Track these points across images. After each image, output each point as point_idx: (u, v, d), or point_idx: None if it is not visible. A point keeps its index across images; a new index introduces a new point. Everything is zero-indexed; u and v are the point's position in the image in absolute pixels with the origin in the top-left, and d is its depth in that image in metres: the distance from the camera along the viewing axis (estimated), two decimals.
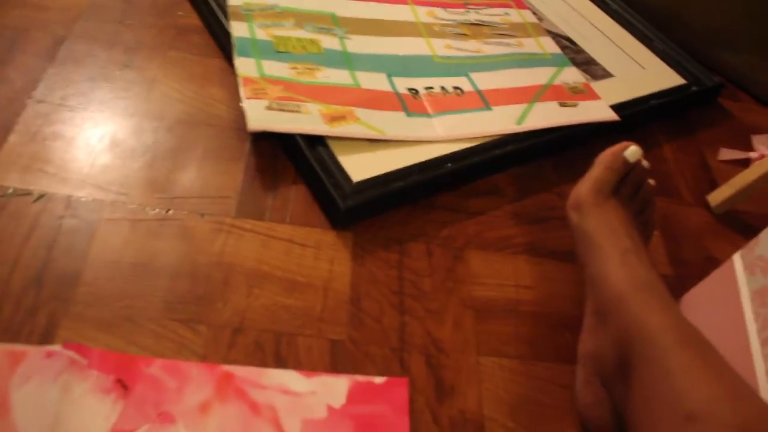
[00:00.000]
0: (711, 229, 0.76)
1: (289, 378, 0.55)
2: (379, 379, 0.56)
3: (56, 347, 0.53)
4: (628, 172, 0.62)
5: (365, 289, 0.62)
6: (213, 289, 0.59)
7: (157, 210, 0.64)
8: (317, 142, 0.68)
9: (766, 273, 0.56)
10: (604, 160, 0.62)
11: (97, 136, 0.69)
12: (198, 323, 0.57)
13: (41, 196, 0.63)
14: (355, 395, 0.55)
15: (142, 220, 0.63)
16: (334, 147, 0.69)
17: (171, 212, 0.64)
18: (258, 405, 0.53)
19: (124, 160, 0.68)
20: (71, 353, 0.53)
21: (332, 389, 0.55)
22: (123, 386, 0.52)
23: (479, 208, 0.71)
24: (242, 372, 0.54)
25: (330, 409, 0.54)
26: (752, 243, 0.58)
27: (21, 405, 0.50)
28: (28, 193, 0.63)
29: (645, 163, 0.63)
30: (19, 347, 0.53)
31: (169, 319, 0.57)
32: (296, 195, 0.68)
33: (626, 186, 0.62)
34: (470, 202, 0.71)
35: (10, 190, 0.63)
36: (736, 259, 0.59)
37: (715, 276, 0.61)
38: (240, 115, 0.71)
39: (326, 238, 0.65)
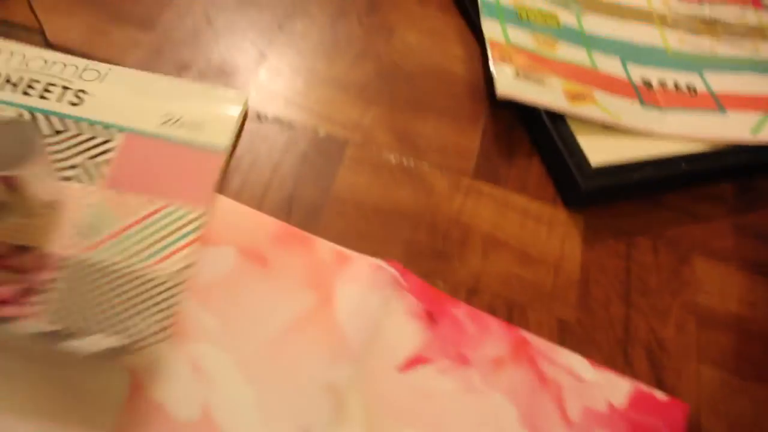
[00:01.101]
0: None
1: (578, 363, 0.56)
2: (660, 395, 0.56)
3: (381, 262, 0.57)
4: None
5: (594, 275, 0.62)
6: (451, 247, 0.61)
7: (398, 157, 0.65)
8: (559, 118, 0.68)
9: None
10: None
11: (341, 78, 0.70)
12: (436, 278, 0.59)
13: (289, 127, 0.65)
14: (635, 401, 0.56)
15: (384, 164, 0.64)
16: (573, 126, 0.68)
17: (412, 162, 0.65)
18: (546, 377, 0.55)
19: (365, 102, 0.69)
20: (394, 272, 0.57)
21: (615, 387, 0.56)
22: (432, 318, 0.55)
23: (706, 213, 0.70)
24: (537, 342, 0.56)
25: (611, 406, 0.55)
26: None
27: (346, 302, 0.54)
28: (279, 122, 0.65)
29: None
30: (346, 251, 0.57)
31: (408, 269, 0.58)
32: (531, 168, 0.68)
33: None
34: (698, 207, 0.70)
35: (260, 115, 0.65)
36: None
37: None
38: (478, 78, 0.71)
39: (559, 216, 0.65)
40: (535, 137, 0.70)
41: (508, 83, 0.68)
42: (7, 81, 0.61)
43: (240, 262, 0.55)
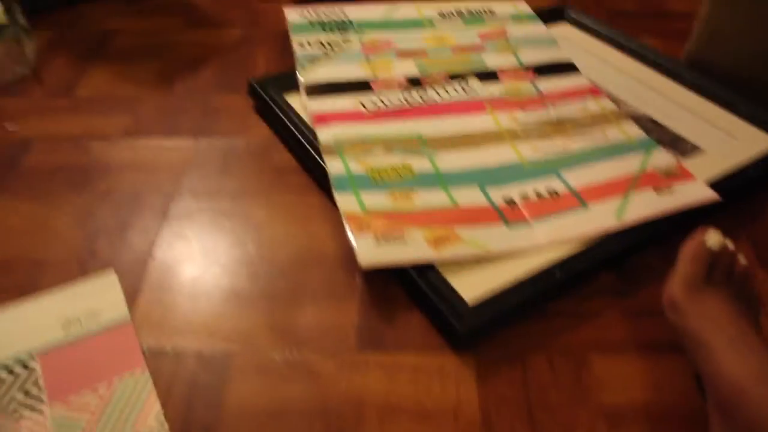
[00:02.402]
0: None
1: None
2: None
3: None
4: (715, 258, 0.61)
5: (495, 409, 0.62)
6: (346, 427, 0.61)
7: (282, 355, 0.67)
8: (427, 267, 0.70)
9: None
10: (687, 254, 0.62)
11: (216, 288, 0.73)
12: None
13: (173, 354, 0.67)
14: None
15: (269, 367, 0.66)
16: (443, 269, 0.71)
17: (296, 355, 0.67)
18: None
19: (244, 307, 0.71)
20: None
21: None
22: None
23: (593, 310, 0.71)
24: None
25: None
26: None
27: None
28: (161, 353, 0.67)
29: (729, 243, 0.62)
30: None
31: None
32: (413, 322, 0.70)
33: (717, 271, 0.61)
34: (583, 306, 0.71)
35: (146, 351, 0.67)
36: None
37: None
38: (347, 251, 0.74)
39: (449, 363, 0.66)
40: (410, 291, 0.72)
41: (369, 252, 0.71)
42: None
43: None
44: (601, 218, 0.77)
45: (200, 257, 0.77)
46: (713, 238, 0.61)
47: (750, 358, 0.54)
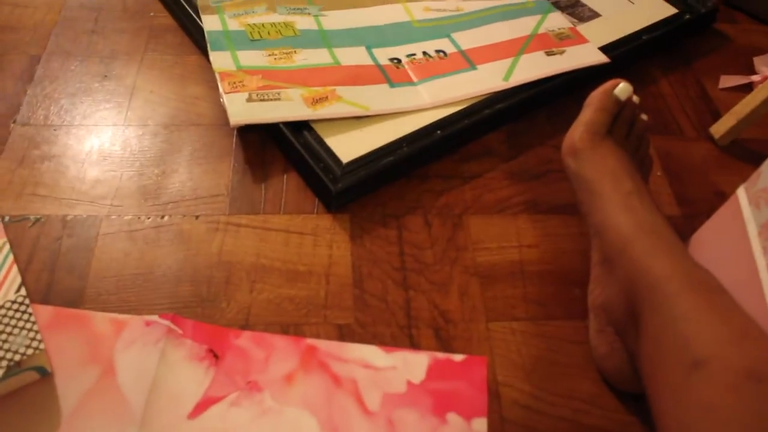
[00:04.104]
0: (717, 163, 0.74)
1: (370, 353, 0.56)
2: (458, 357, 0.57)
3: (154, 317, 0.57)
4: (620, 111, 0.60)
5: (367, 270, 0.61)
6: (216, 290, 0.59)
7: (151, 218, 0.64)
8: (303, 127, 0.67)
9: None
10: (594, 102, 0.60)
11: (84, 152, 0.69)
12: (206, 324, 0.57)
13: (37, 220, 0.63)
14: (434, 372, 0.56)
15: (138, 230, 0.63)
16: (321, 130, 0.68)
17: (166, 218, 0.64)
18: (340, 377, 0.55)
19: (114, 171, 0.67)
20: (167, 323, 0.56)
21: (412, 365, 0.56)
22: (214, 355, 0.55)
23: (475, 171, 0.70)
24: (325, 345, 0.56)
25: (410, 384, 0.55)
26: (755, 175, 0.56)
27: (125, 367, 0.54)
28: (24, 218, 0.63)
29: (635, 98, 0.61)
30: (120, 316, 0.57)
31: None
32: (289, 183, 0.67)
33: (619, 125, 0.60)
34: (465, 167, 0.70)
35: (6, 218, 0.63)
36: (740, 193, 0.57)
37: (721, 212, 0.60)
38: (223, 111, 0.70)
39: (323, 223, 0.64)
40: (286, 152, 0.69)
41: (240, 110, 0.67)
42: None
43: None
44: (488, 79, 0.75)
45: (68, 121, 0.72)
46: (623, 87, 0.60)
47: (640, 211, 0.53)
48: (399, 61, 0.76)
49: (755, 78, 0.81)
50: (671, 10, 0.88)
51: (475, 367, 0.56)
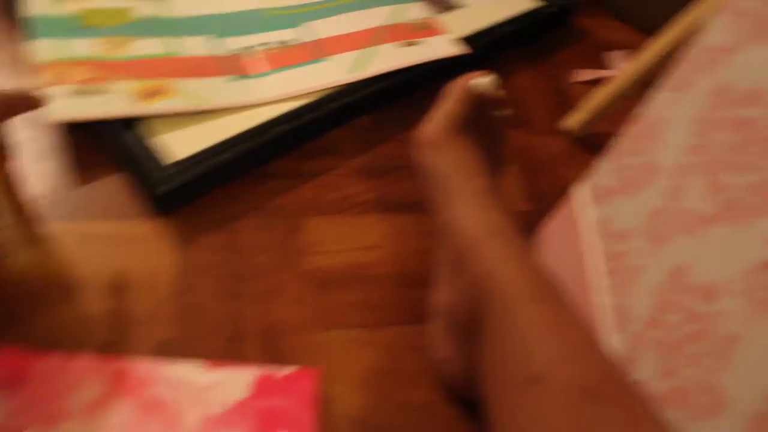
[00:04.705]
0: (569, 157, 0.73)
1: (191, 370, 0.52)
2: (286, 370, 0.53)
3: None
4: (479, 104, 0.56)
5: (192, 279, 0.57)
6: (23, 309, 0.54)
7: None
8: (131, 124, 0.62)
9: (603, 202, 0.53)
10: (454, 92, 0.55)
11: None
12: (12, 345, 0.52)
13: None
14: (259, 388, 0.52)
15: None
16: (155, 126, 0.63)
17: None
18: (154, 402, 0.50)
19: None
20: None
21: (235, 382, 0.52)
22: (13, 383, 0.50)
23: (317, 169, 0.66)
24: (139, 366, 0.51)
25: (232, 402, 0.51)
26: (591, 171, 0.55)
27: None
28: None
29: (496, 91, 0.57)
30: None
31: None
32: (116, 187, 0.62)
33: (478, 119, 0.56)
34: (307, 165, 0.67)
35: None
36: (575, 189, 0.56)
37: (560, 209, 0.59)
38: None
39: (148, 229, 0.60)
40: (112, 153, 0.64)
41: (62, 106, 0.61)
42: None
43: None
44: (337, 70, 0.71)
45: None
46: (485, 80, 0.56)
47: (490, 213, 0.50)
48: (246, 50, 0.72)
49: (606, 73, 0.81)
50: (534, 3, 0.87)
51: (303, 380, 0.53)
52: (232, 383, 0.52)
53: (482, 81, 0.56)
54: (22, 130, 0.64)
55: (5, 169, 0.53)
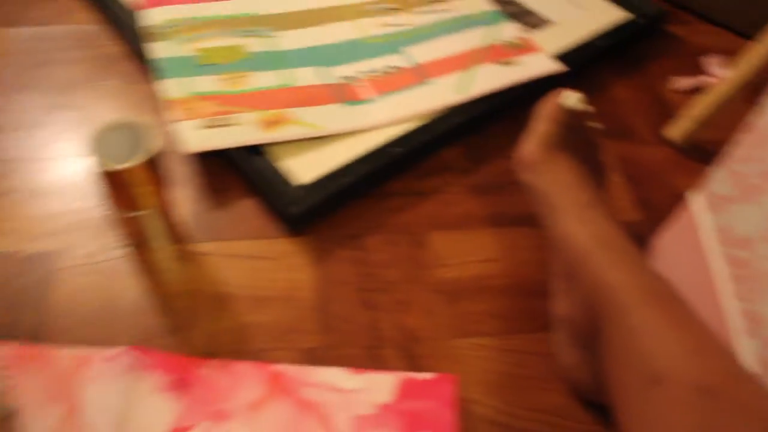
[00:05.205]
0: (675, 166, 0.74)
1: (337, 375, 0.56)
2: (426, 376, 0.56)
3: (117, 350, 0.56)
4: (570, 120, 0.59)
5: (330, 292, 0.61)
6: (179, 320, 0.58)
7: (111, 250, 0.63)
8: (258, 151, 0.67)
9: (721, 210, 0.54)
10: (544, 113, 0.59)
11: (39, 185, 0.68)
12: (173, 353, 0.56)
13: None
14: (402, 392, 0.55)
15: (98, 262, 0.62)
16: (277, 152, 0.67)
17: (125, 250, 0.63)
18: (308, 402, 0.54)
19: (72, 204, 0.66)
20: (131, 355, 0.55)
21: (380, 386, 0.56)
22: (181, 386, 0.54)
23: (433, 187, 0.70)
24: (291, 370, 0.56)
25: (378, 405, 0.54)
26: (705, 179, 0.57)
27: (90, 403, 0.53)
28: None
29: (583, 106, 0.60)
30: (83, 351, 0.56)
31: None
32: (249, 209, 0.67)
33: (571, 134, 0.59)
34: (424, 183, 0.70)
35: None
36: (692, 197, 0.58)
37: (676, 217, 0.60)
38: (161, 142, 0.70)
39: (284, 247, 0.64)
40: (244, 178, 0.68)
41: (194, 138, 0.66)
42: None
43: None
44: (442, 93, 0.75)
45: (18, 154, 0.70)
46: (571, 97, 0.59)
47: (597, 223, 0.53)
48: (352, 78, 0.76)
49: (705, 79, 0.82)
50: (623, 15, 0.89)
51: (444, 385, 0.56)
52: (376, 387, 0.55)
53: (569, 98, 0.59)
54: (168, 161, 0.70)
55: (163, 196, 0.58)
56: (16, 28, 0.84)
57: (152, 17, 0.80)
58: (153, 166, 0.56)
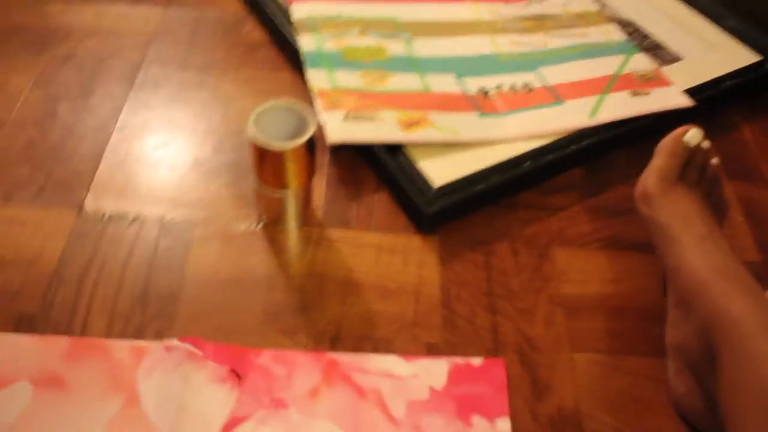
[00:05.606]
0: None
1: (392, 362, 0.58)
2: (477, 360, 0.58)
3: (174, 341, 0.57)
4: (690, 156, 0.61)
5: (455, 292, 0.63)
6: (308, 300, 0.61)
7: (245, 225, 0.66)
8: (396, 149, 0.70)
9: None
10: (665, 148, 0.61)
11: (182, 157, 0.72)
12: (297, 333, 0.59)
13: (135, 219, 0.66)
14: (455, 377, 0.57)
15: (232, 236, 0.65)
16: (413, 152, 0.70)
17: (259, 226, 0.66)
18: (364, 388, 0.56)
19: (209, 178, 0.70)
20: (188, 346, 0.57)
21: (433, 372, 0.58)
22: (237, 375, 0.56)
23: (560, 204, 0.71)
24: (346, 358, 0.58)
25: (432, 390, 0.56)
26: None
27: (148, 394, 0.55)
28: (123, 217, 0.66)
29: (706, 143, 0.62)
30: (140, 343, 0.58)
31: (268, 330, 0.59)
32: (380, 202, 0.69)
33: (691, 170, 0.61)
34: (550, 199, 0.72)
35: (107, 216, 0.66)
36: None
37: None
38: (317, 129, 0.73)
39: (413, 244, 0.66)
40: (378, 172, 0.71)
41: (337, 128, 0.70)
42: None
43: (36, 394, 0.54)
44: (574, 115, 0.76)
45: (166, 127, 0.75)
46: (693, 133, 0.61)
47: (715, 255, 0.55)
48: (487, 91, 0.78)
49: None
50: (753, 58, 0.89)
51: (494, 369, 0.58)
52: (430, 373, 0.57)
53: (689, 135, 0.61)
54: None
55: (307, 179, 0.61)
56: (175, 6, 0.90)
57: (298, 11, 0.84)
58: (308, 149, 0.59)
